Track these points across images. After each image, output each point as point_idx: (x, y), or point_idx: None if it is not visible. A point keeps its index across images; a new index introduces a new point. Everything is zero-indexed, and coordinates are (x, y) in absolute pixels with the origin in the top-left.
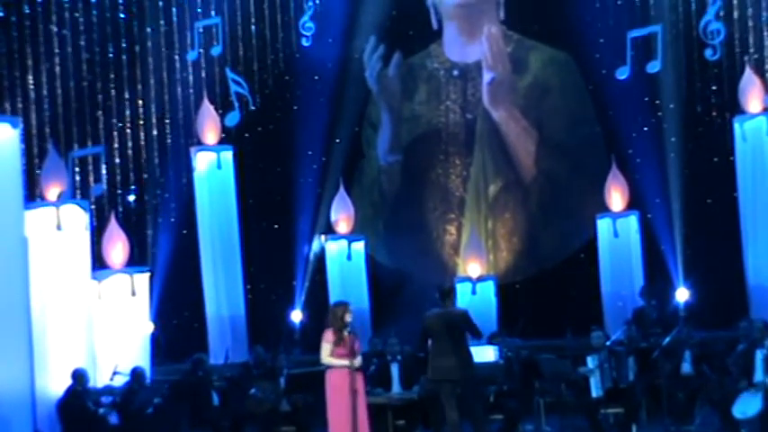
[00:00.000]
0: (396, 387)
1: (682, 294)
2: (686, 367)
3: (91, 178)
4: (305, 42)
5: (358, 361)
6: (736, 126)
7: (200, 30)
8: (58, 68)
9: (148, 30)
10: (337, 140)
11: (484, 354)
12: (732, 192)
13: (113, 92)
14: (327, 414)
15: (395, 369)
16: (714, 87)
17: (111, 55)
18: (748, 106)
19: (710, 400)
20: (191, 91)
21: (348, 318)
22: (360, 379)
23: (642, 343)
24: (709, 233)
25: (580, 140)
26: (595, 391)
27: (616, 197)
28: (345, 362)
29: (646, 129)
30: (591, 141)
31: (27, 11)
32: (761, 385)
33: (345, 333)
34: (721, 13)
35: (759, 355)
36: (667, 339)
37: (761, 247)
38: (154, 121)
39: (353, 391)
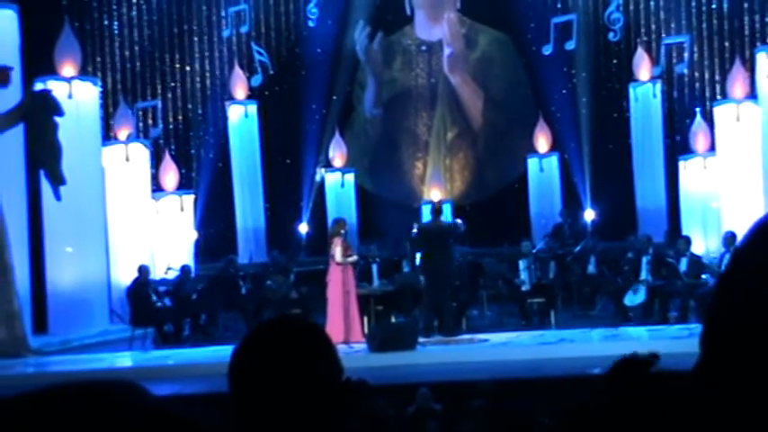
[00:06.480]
0: (375, 282)
1: (589, 214)
2: (591, 269)
3: (150, 123)
4: (311, 23)
5: (354, 258)
6: (631, 90)
7: (233, 13)
8: (127, 42)
9: (194, 12)
10: (334, 97)
11: None
12: (627, 139)
13: (168, 59)
14: (329, 299)
15: (375, 268)
16: (615, 61)
17: (167, 30)
18: (639, 75)
19: (608, 293)
20: (225, 59)
21: (347, 228)
22: (353, 275)
23: (559, 251)
24: (610, 170)
25: (516, 99)
26: (524, 286)
27: (542, 142)
28: (355, 257)
29: (564, 91)
30: (524, 100)
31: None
32: (644, 282)
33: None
34: (620, 6)
35: (644, 260)
36: (578, 248)
37: (647, 181)
38: (198, 81)
39: (349, 283)
